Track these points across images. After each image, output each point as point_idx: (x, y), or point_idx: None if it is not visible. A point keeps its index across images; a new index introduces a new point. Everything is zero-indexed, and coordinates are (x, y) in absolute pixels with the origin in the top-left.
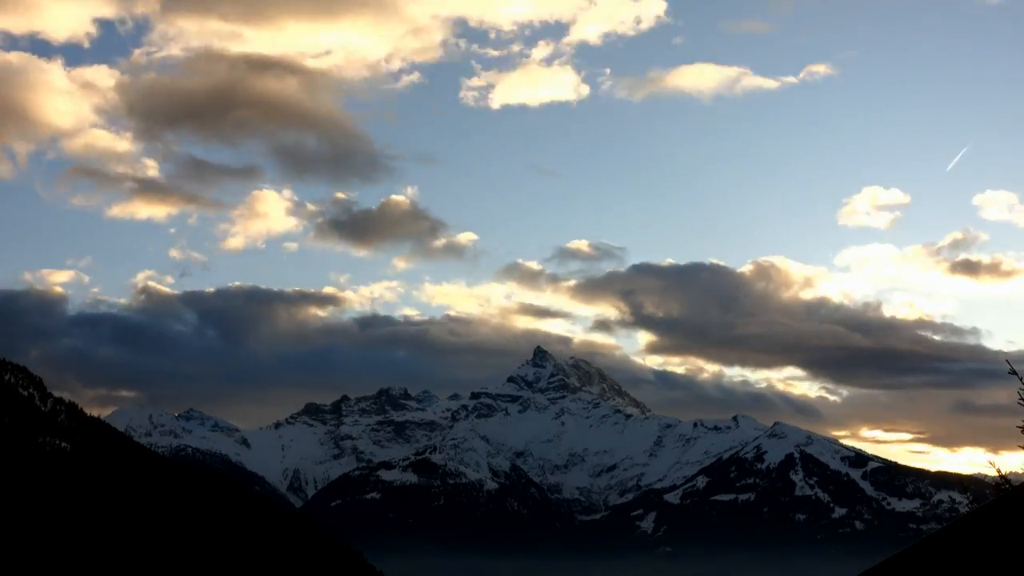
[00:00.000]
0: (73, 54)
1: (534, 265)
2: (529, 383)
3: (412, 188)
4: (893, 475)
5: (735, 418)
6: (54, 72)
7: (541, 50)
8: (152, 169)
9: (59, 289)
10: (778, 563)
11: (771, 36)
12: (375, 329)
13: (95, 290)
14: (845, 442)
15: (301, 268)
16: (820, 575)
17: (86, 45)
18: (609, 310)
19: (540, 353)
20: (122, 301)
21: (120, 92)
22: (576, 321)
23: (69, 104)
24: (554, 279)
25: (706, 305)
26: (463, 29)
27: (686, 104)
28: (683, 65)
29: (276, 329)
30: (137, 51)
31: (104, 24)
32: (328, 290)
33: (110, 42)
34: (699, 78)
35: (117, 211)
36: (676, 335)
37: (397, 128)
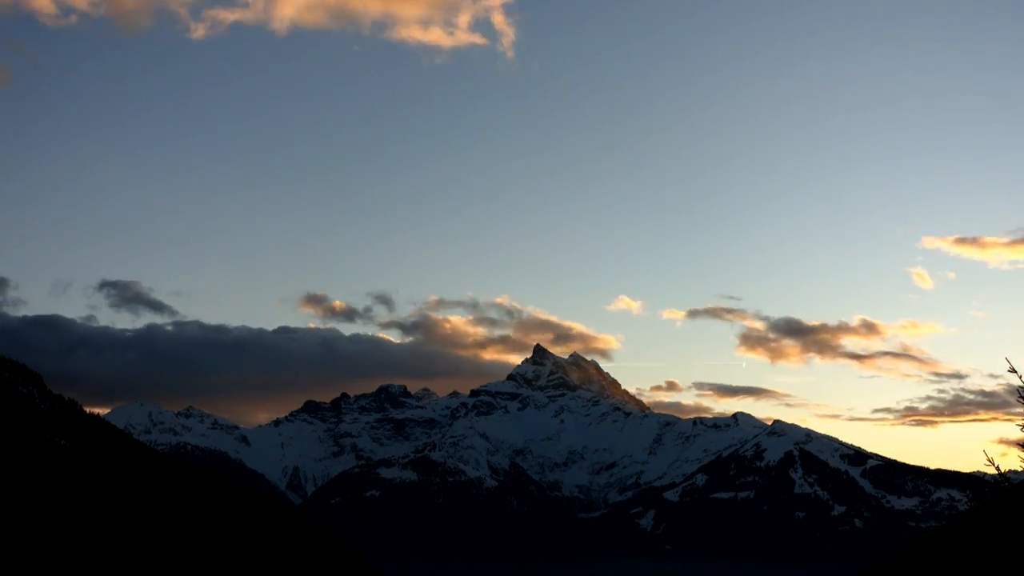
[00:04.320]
0: None
1: None
2: (528, 381)
3: None
4: (892, 473)
5: (735, 416)
6: None
7: None
8: None
9: None
10: (777, 561)
11: None
12: None
13: None
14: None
15: None
16: (820, 573)
17: None
18: None
19: (539, 351)
20: None
21: None
22: None
23: None
24: None
25: None
26: None
27: None
28: None
29: None
30: None
31: None
32: None
33: None
34: None
35: None
36: None
37: None
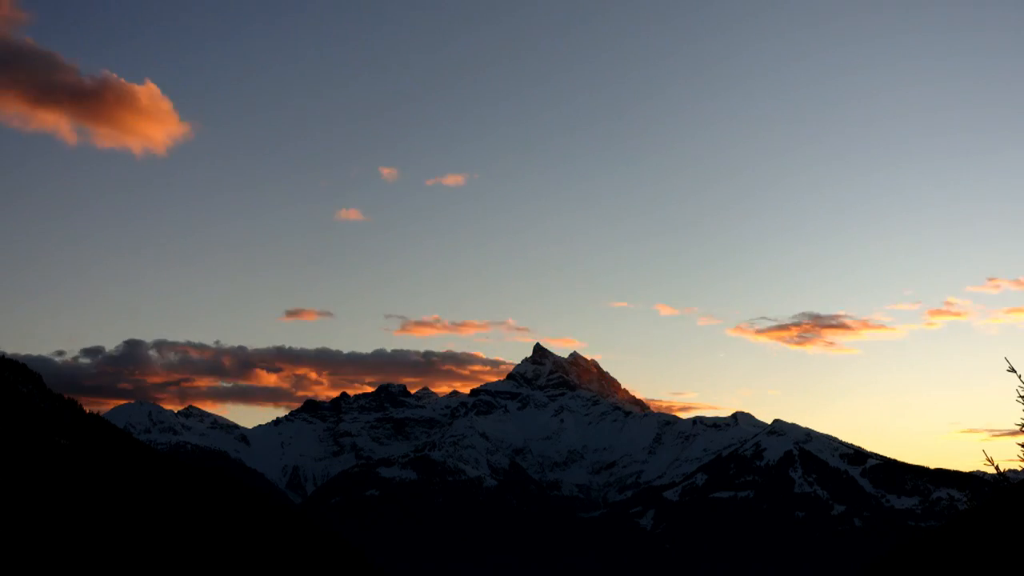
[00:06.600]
0: None
1: None
2: (528, 380)
3: None
4: (892, 472)
5: (734, 415)
6: None
7: None
8: None
9: None
10: (777, 561)
11: None
12: None
13: None
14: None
15: None
16: (819, 573)
17: None
18: None
19: (539, 350)
20: None
21: None
22: None
23: None
24: None
25: None
26: None
27: None
28: None
29: None
30: None
31: None
32: None
33: None
34: None
35: None
36: None
37: None
